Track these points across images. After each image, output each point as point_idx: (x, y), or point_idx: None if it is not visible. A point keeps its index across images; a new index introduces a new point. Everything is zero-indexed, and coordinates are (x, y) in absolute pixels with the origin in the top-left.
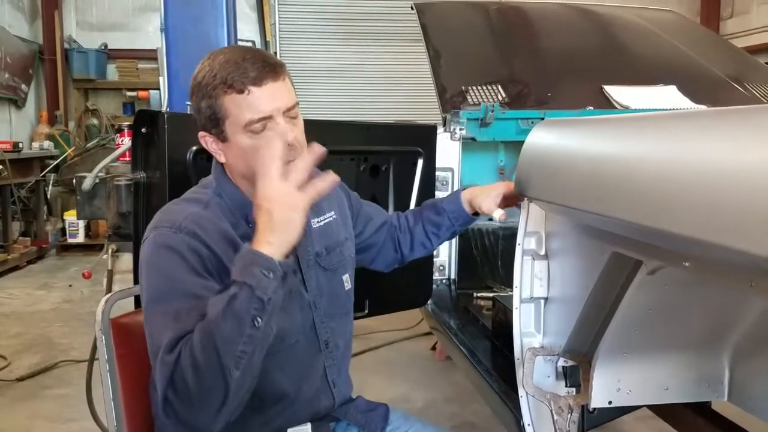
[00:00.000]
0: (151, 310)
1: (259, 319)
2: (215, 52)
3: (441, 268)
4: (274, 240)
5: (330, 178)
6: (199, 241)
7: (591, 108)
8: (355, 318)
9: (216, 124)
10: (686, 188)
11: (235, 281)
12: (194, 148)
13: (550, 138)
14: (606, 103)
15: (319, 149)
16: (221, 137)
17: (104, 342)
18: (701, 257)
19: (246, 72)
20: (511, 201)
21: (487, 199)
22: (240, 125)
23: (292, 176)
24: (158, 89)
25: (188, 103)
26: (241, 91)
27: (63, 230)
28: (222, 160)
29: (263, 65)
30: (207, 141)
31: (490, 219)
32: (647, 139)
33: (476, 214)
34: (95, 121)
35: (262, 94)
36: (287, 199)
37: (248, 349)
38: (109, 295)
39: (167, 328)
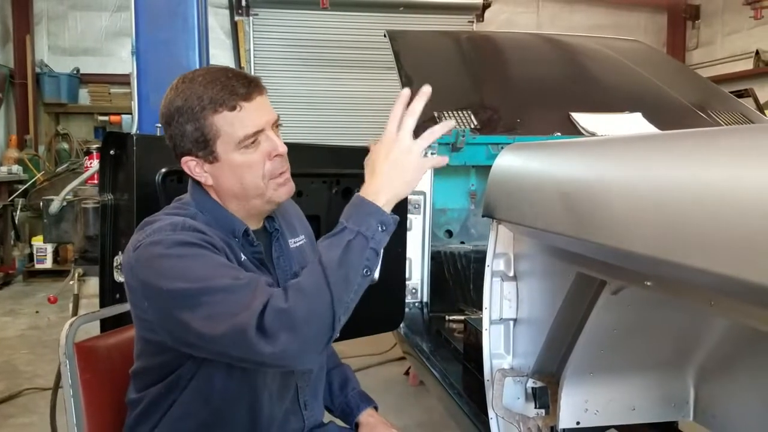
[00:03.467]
0: (198, 297)
1: (369, 270)
2: (188, 76)
3: (413, 291)
4: (383, 191)
5: (448, 124)
6: (205, 235)
7: (558, 134)
8: None
9: (205, 145)
10: (646, 208)
11: (347, 227)
12: (164, 170)
13: (517, 161)
14: (573, 130)
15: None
16: (210, 158)
17: (68, 367)
18: (662, 276)
19: (235, 89)
20: None
21: None
22: (233, 143)
23: (408, 124)
24: (130, 114)
25: (158, 125)
26: (233, 108)
27: (31, 256)
28: (210, 182)
29: (248, 81)
30: (190, 166)
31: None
32: (609, 162)
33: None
34: (66, 146)
35: (253, 109)
36: (401, 142)
37: (356, 297)
38: (73, 318)
39: (234, 287)
